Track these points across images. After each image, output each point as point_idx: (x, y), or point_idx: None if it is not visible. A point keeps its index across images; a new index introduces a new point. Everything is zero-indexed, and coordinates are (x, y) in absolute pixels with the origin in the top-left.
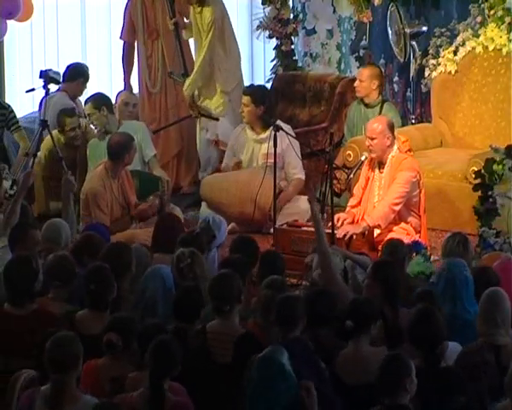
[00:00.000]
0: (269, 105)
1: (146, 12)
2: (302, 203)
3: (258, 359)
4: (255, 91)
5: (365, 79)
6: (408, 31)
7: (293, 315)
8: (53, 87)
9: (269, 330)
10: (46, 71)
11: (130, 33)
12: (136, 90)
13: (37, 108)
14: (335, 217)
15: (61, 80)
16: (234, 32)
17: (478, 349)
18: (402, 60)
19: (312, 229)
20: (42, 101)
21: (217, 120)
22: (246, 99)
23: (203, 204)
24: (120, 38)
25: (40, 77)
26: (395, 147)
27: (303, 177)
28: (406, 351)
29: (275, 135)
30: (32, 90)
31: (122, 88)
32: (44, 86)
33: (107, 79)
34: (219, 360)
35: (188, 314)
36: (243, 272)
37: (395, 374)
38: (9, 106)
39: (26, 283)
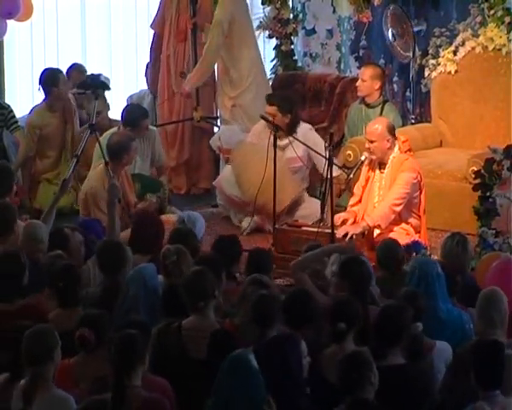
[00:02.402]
0: (295, 114)
1: (179, 11)
2: (314, 204)
3: (228, 358)
4: (282, 101)
5: (367, 79)
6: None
7: (270, 314)
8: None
9: (245, 329)
10: (97, 76)
11: (160, 26)
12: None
13: None
14: (336, 216)
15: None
16: (249, 39)
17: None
18: (411, 56)
19: (311, 229)
20: None
21: (217, 126)
22: (272, 109)
23: (227, 166)
24: (151, 26)
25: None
26: (396, 148)
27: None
28: None
29: (274, 136)
30: (83, 93)
31: (122, 87)
32: (94, 91)
33: None
34: (194, 356)
35: (177, 310)
36: (218, 270)
37: (359, 370)
38: (9, 106)
39: (15, 277)
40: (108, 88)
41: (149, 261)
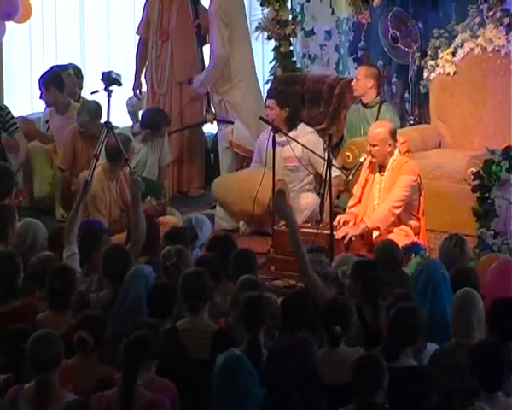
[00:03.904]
0: (294, 107)
1: (162, 12)
2: (304, 199)
3: (224, 360)
4: (279, 94)
5: (361, 78)
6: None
7: (258, 315)
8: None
9: (239, 330)
10: (108, 72)
11: (146, 30)
12: (144, 87)
13: (35, 110)
14: (336, 218)
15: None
16: (241, 36)
17: (451, 350)
18: (414, 49)
19: (311, 230)
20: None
21: (232, 123)
22: (270, 102)
23: (217, 204)
24: (137, 32)
25: (102, 79)
26: (396, 151)
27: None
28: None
29: (274, 136)
30: (96, 91)
31: (121, 88)
32: (106, 88)
33: None
34: (195, 357)
35: (160, 311)
36: (217, 270)
37: (372, 374)
38: (6, 107)
39: (9, 279)
40: (120, 84)
41: (146, 263)
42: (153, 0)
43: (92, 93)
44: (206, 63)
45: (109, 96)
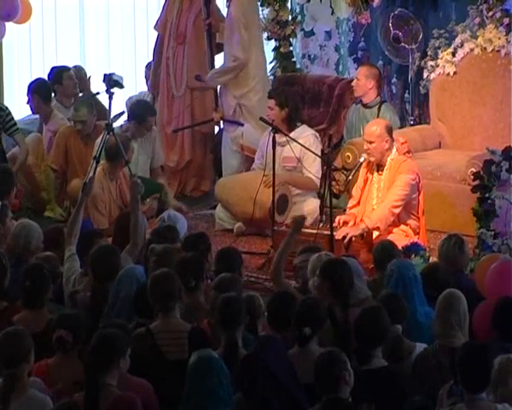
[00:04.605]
0: (293, 107)
1: (181, 13)
2: (308, 205)
3: (198, 359)
4: (278, 94)
5: (362, 78)
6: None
7: (235, 315)
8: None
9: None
10: (109, 74)
11: (163, 27)
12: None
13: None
14: (336, 219)
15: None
16: (258, 40)
17: (434, 352)
18: (415, 47)
19: (310, 231)
20: None
21: (241, 125)
22: (270, 102)
23: (218, 204)
24: (154, 28)
25: (103, 81)
26: (394, 149)
27: (316, 180)
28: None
29: (273, 137)
30: (97, 94)
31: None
32: (107, 90)
33: None
34: (174, 358)
35: (147, 310)
36: (200, 269)
37: (333, 369)
38: (7, 108)
39: None
40: (122, 87)
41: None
42: (173, 0)
43: (93, 95)
44: (216, 64)
45: (110, 98)
